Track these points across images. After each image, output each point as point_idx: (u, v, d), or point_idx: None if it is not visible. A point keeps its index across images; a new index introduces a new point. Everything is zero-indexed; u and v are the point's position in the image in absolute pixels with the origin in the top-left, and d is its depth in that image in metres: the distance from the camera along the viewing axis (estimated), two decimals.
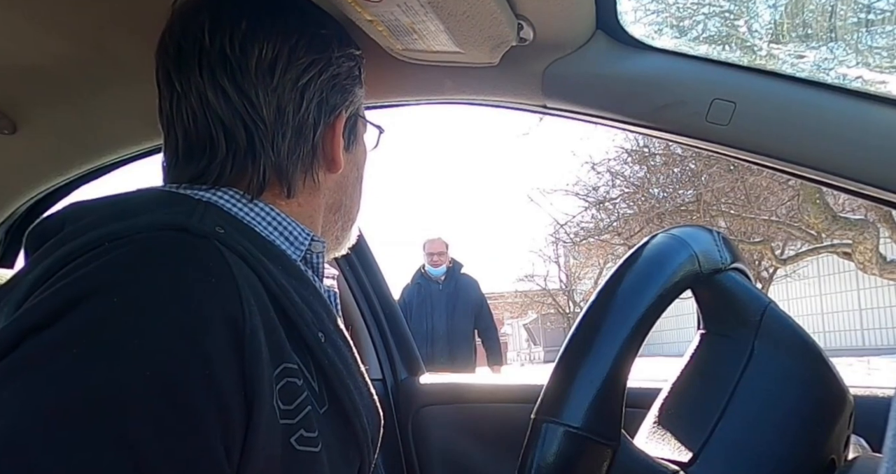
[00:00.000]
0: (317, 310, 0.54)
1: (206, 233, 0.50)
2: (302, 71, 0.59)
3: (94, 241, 0.47)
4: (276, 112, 0.58)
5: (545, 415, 0.47)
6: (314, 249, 0.61)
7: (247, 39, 0.57)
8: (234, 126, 0.57)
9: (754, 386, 0.52)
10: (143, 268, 0.45)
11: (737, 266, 0.56)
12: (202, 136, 0.57)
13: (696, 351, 0.57)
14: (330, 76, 0.61)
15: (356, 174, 0.68)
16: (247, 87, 0.57)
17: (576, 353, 0.49)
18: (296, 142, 0.59)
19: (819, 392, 0.53)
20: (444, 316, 3.98)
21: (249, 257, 0.50)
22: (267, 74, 0.57)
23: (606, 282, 0.51)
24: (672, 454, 0.51)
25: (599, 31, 0.70)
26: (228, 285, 0.46)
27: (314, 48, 0.60)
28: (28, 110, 0.92)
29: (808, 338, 0.54)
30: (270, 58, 0.57)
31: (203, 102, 0.57)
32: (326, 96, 0.61)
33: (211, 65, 0.57)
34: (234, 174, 0.58)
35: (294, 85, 0.58)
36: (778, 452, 0.50)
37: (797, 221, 7.90)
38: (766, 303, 0.54)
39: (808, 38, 1.80)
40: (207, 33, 0.57)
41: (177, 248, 0.47)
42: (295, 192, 0.60)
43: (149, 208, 0.52)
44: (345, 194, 0.67)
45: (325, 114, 0.61)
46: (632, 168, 9.54)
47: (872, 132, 0.61)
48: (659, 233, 0.54)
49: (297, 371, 0.49)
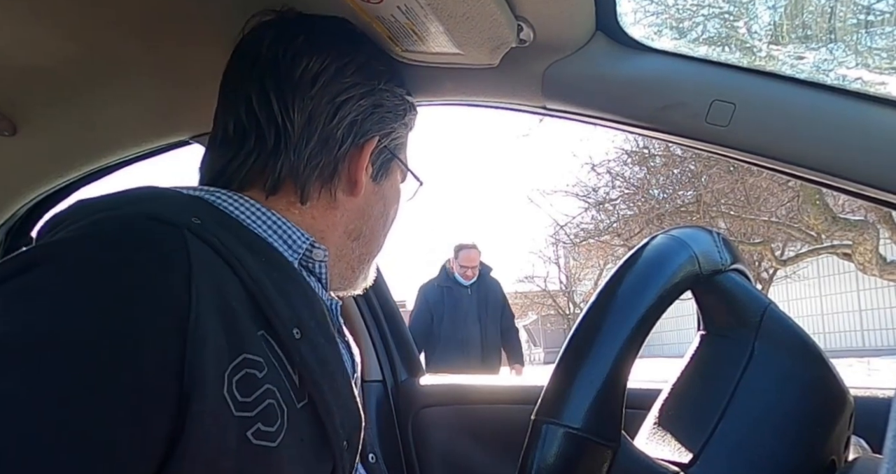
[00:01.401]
0: (296, 306, 0.54)
1: (176, 223, 0.50)
2: (343, 89, 0.63)
3: (68, 238, 0.48)
4: (306, 119, 0.61)
5: (545, 416, 0.47)
6: (315, 257, 0.61)
7: (299, 51, 0.62)
8: (267, 125, 0.61)
9: (754, 387, 0.52)
10: (92, 246, 0.46)
11: (737, 267, 0.56)
12: (238, 131, 0.62)
13: (697, 352, 0.57)
14: (371, 104, 0.65)
15: (382, 209, 0.69)
16: (286, 92, 0.61)
17: (576, 354, 0.49)
18: (319, 150, 0.62)
19: (819, 393, 0.53)
20: (477, 321, 3.91)
21: (222, 248, 0.50)
22: (308, 84, 0.61)
23: (606, 283, 0.51)
24: (672, 455, 0.51)
25: (599, 33, 0.70)
26: (178, 270, 0.46)
27: (362, 74, 0.64)
28: (28, 111, 0.92)
29: (809, 339, 0.54)
30: (316, 70, 0.62)
31: (247, 102, 0.62)
32: (362, 119, 0.64)
33: (262, 69, 0.62)
34: (255, 169, 0.61)
35: (332, 99, 0.62)
36: (778, 453, 0.50)
37: (797, 222, 7.90)
38: (766, 304, 0.54)
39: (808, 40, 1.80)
40: (267, 44, 0.63)
41: (134, 232, 0.48)
42: (308, 200, 0.62)
43: (134, 201, 0.53)
44: (366, 224, 0.67)
45: (356, 135, 0.64)
46: (632, 169, 9.55)
47: (872, 133, 0.61)
48: (659, 234, 0.54)
49: (259, 363, 0.48)
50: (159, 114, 0.94)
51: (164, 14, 0.73)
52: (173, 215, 0.50)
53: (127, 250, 0.46)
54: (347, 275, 0.69)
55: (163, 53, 0.80)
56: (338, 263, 0.66)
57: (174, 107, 0.92)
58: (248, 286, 0.50)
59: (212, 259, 0.49)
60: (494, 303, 3.97)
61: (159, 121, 0.96)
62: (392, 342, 1.35)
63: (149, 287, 0.45)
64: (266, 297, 0.51)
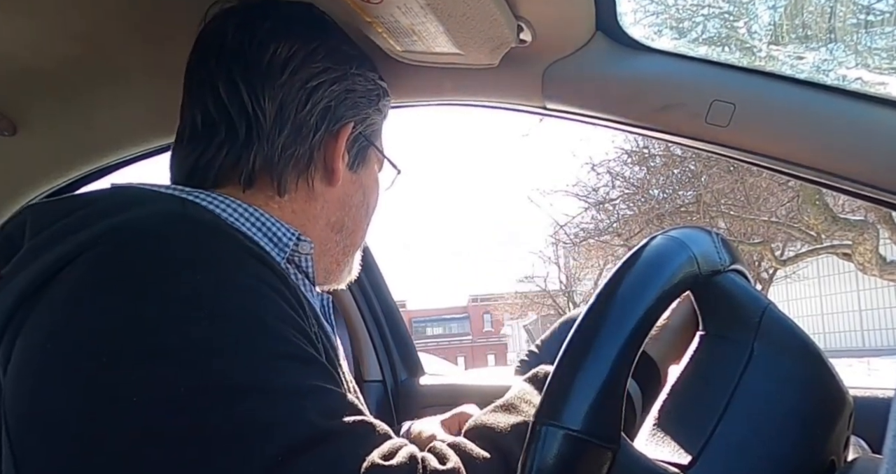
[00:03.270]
0: (295, 310, 0.54)
1: (203, 219, 0.51)
2: (314, 74, 0.60)
3: (84, 243, 0.47)
4: (278, 107, 0.59)
5: (545, 418, 0.47)
6: (301, 250, 0.61)
7: (266, 38, 0.60)
8: (238, 115, 0.59)
9: (754, 388, 0.52)
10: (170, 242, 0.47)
11: (736, 267, 0.56)
12: (207, 123, 0.60)
13: (696, 352, 0.57)
14: (343, 89, 0.62)
15: (362, 198, 0.68)
16: (255, 81, 0.59)
17: (575, 356, 0.49)
18: (293, 139, 0.60)
19: (819, 393, 0.53)
20: None
21: (249, 242, 0.52)
22: (277, 71, 0.59)
23: (606, 283, 0.51)
24: (672, 456, 0.51)
25: (599, 33, 0.70)
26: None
27: (332, 58, 0.62)
28: (28, 112, 0.92)
29: (808, 339, 0.54)
30: (285, 56, 0.59)
31: (214, 92, 0.59)
32: (335, 106, 0.62)
33: (227, 59, 0.59)
34: (228, 162, 0.59)
35: (302, 85, 0.60)
36: (778, 453, 0.50)
37: (797, 222, 7.90)
38: (765, 305, 0.54)
39: (808, 40, 1.80)
40: (231, 32, 0.60)
41: (181, 232, 0.49)
42: (286, 191, 0.60)
43: (132, 204, 0.52)
44: (347, 215, 0.66)
45: (330, 121, 0.62)
46: (631, 169, 9.54)
47: (872, 133, 0.61)
48: (658, 235, 0.54)
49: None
50: (159, 114, 0.94)
51: (163, 15, 0.73)
52: (195, 213, 0.52)
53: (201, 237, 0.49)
54: (333, 269, 0.68)
55: (162, 54, 0.80)
56: (323, 258, 0.65)
57: (174, 107, 0.92)
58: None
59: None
60: None
61: (159, 121, 0.96)
62: (392, 342, 1.35)
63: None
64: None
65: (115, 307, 0.43)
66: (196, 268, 0.45)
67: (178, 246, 0.47)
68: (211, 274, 0.45)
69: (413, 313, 25.76)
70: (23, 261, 0.48)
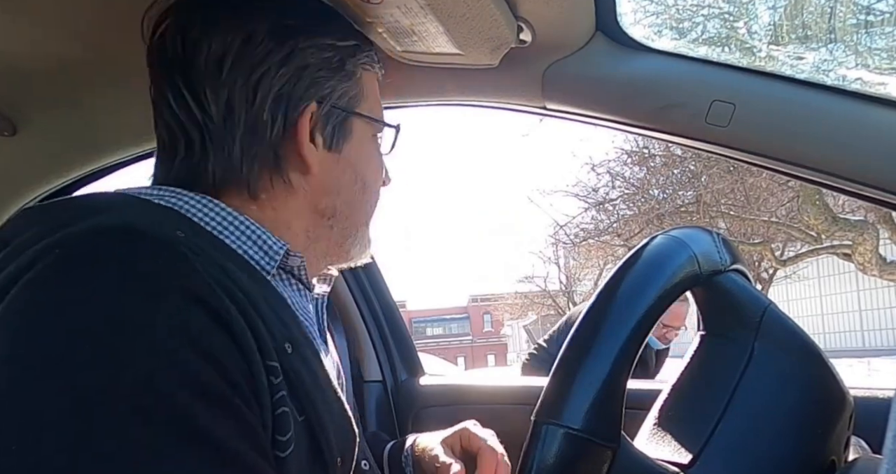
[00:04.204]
0: (284, 320, 0.52)
1: (160, 236, 0.47)
2: (256, 64, 0.56)
3: (36, 256, 0.44)
4: (225, 109, 0.55)
5: (545, 417, 0.47)
6: (291, 263, 0.58)
7: (199, 37, 0.56)
8: (191, 127, 0.56)
9: (754, 388, 0.52)
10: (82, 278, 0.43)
11: (736, 267, 0.56)
12: (169, 138, 0.57)
13: (696, 352, 0.57)
14: (295, 68, 0.57)
15: (353, 176, 0.62)
16: (196, 86, 0.55)
17: (576, 355, 0.49)
18: (250, 141, 0.56)
19: (819, 393, 0.53)
20: None
21: (211, 261, 0.48)
22: (215, 70, 0.55)
23: (606, 283, 0.51)
24: (672, 455, 0.51)
25: (599, 33, 0.70)
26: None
27: (274, 39, 0.56)
28: (28, 112, 0.92)
29: (808, 340, 0.54)
30: (219, 53, 0.55)
31: (166, 104, 0.57)
32: (288, 91, 0.57)
33: (170, 68, 0.56)
34: (192, 176, 0.56)
35: (246, 79, 0.55)
36: (778, 453, 0.50)
37: (797, 222, 7.90)
38: (765, 305, 0.54)
39: (808, 40, 1.80)
40: (168, 38, 0.57)
41: (129, 252, 0.45)
42: (259, 193, 0.57)
43: (95, 211, 0.49)
44: (338, 198, 0.61)
45: (286, 109, 0.57)
46: (632, 169, 9.54)
47: (872, 133, 0.61)
48: (658, 235, 0.54)
49: (276, 369, 0.48)
50: None
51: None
52: (158, 228, 0.48)
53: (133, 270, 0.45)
54: (334, 251, 0.64)
55: None
56: (316, 245, 0.62)
57: None
58: (239, 300, 0.48)
59: (211, 270, 0.48)
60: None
61: None
62: (392, 342, 1.35)
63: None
64: (256, 310, 0.49)
65: (17, 337, 0.41)
66: (105, 307, 0.42)
67: (109, 277, 0.43)
68: (136, 322, 0.42)
69: (413, 313, 25.76)
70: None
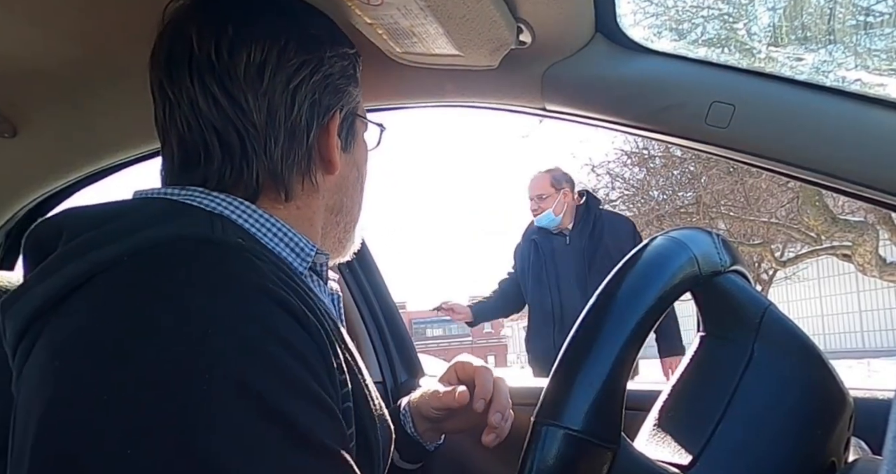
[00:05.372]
0: (330, 317, 0.54)
1: (231, 244, 0.49)
2: (292, 73, 0.58)
3: (107, 261, 0.46)
4: (267, 116, 0.57)
5: (545, 418, 0.47)
6: (318, 260, 0.61)
7: (234, 44, 0.57)
8: (227, 132, 0.57)
9: (754, 389, 0.52)
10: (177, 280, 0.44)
11: (736, 268, 0.56)
12: (197, 144, 0.57)
13: (696, 353, 0.57)
14: (322, 77, 0.60)
15: (356, 174, 0.67)
16: (236, 93, 0.56)
17: (576, 356, 0.49)
18: (290, 145, 0.59)
19: (819, 394, 0.53)
20: (575, 285, 2.56)
21: (273, 266, 0.50)
22: (256, 78, 0.57)
23: (606, 283, 0.51)
24: (672, 456, 0.51)
25: (599, 34, 0.70)
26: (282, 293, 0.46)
27: (304, 49, 0.59)
28: (29, 114, 0.92)
29: (808, 340, 0.54)
30: (259, 61, 0.57)
31: (195, 110, 0.57)
32: (319, 97, 0.60)
33: (200, 72, 0.56)
34: (232, 180, 0.57)
35: (285, 87, 0.58)
36: (778, 454, 0.50)
37: (797, 223, 7.91)
38: (765, 305, 0.54)
39: (807, 41, 1.80)
40: (196, 40, 0.57)
41: (209, 259, 0.47)
42: (293, 196, 0.60)
43: (158, 220, 0.50)
44: (345, 195, 0.66)
45: (319, 115, 0.60)
46: (631, 170, 9.55)
47: (871, 134, 0.61)
48: (658, 236, 0.54)
49: (341, 365, 0.50)
50: None
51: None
52: (223, 236, 0.50)
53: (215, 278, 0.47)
54: (336, 247, 0.68)
55: None
56: (325, 241, 0.65)
57: None
58: (305, 301, 0.50)
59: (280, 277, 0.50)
60: (608, 254, 2.53)
61: None
62: (392, 343, 1.35)
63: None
64: (318, 309, 0.51)
65: (120, 339, 0.41)
66: (208, 317, 0.42)
67: (196, 278, 0.44)
68: (222, 322, 0.42)
69: (413, 314, 25.74)
70: (46, 272, 0.47)
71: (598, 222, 2.65)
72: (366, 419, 0.53)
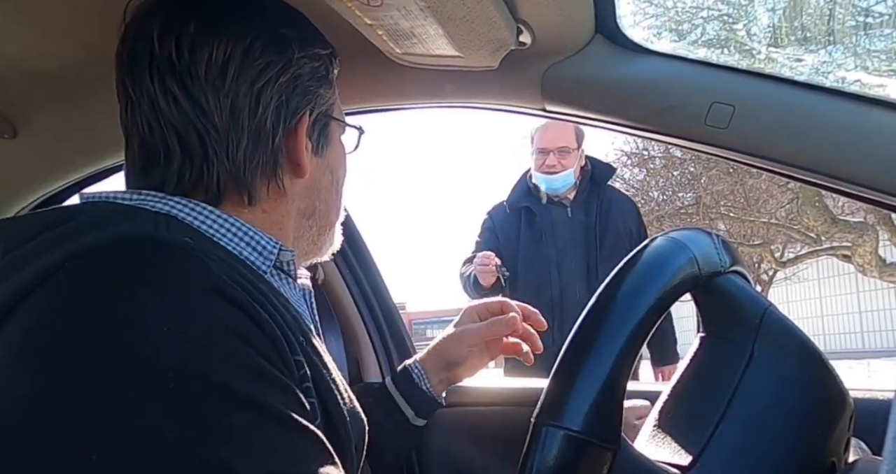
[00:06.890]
0: (292, 314, 0.53)
1: (175, 242, 0.48)
2: (257, 73, 0.56)
3: (50, 267, 0.45)
4: (229, 117, 0.55)
5: (545, 419, 0.47)
6: (283, 258, 0.59)
7: (196, 43, 0.55)
8: (188, 133, 0.55)
9: (754, 389, 0.52)
10: (121, 283, 0.44)
11: (736, 269, 0.56)
12: (157, 145, 0.56)
13: (696, 354, 0.57)
14: (290, 78, 0.58)
15: (329, 178, 0.65)
16: (197, 93, 0.55)
17: (576, 357, 0.49)
18: (253, 148, 0.57)
19: (819, 394, 0.53)
20: (581, 266, 2.11)
21: (223, 264, 0.49)
22: (218, 78, 0.55)
23: (606, 284, 0.51)
24: (672, 457, 0.52)
25: (598, 35, 0.70)
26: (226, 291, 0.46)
27: (271, 49, 0.57)
28: (29, 114, 0.92)
29: (808, 341, 0.54)
30: (222, 61, 0.55)
31: (156, 110, 0.55)
32: (286, 99, 0.58)
33: (161, 71, 0.55)
34: (191, 183, 0.56)
35: (249, 88, 0.56)
36: (778, 455, 0.50)
37: (796, 224, 7.91)
38: (765, 306, 0.54)
39: (807, 42, 1.80)
40: (157, 38, 0.55)
41: (152, 257, 0.46)
42: (257, 200, 0.58)
43: (103, 223, 0.48)
44: (318, 199, 0.64)
45: (286, 118, 0.58)
46: (631, 171, 9.56)
47: (871, 135, 0.61)
48: (658, 237, 0.54)
49: (301, 362, 0.49)
50: None
51: None
52: (167, 235, 0.49)
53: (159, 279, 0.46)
54: (310, 249, 0.66)
55: None
56: (297, 244, 0.64)
57: None
58: (258, 300, 0.49)
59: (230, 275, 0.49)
60: (618, 234, 2.13)
61: None
62: (391, 344, 1.35)
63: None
64: (274, 308, 0.50)
65: (70, 344, 0.41)
66: (157, 312, 0.42)
67: (141, 277, 0.44)
68: (173, 319, 0.42)
69: (413, 315, 25.73)
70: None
71: (604, 195, 2.19)
72: (333, 414, 0.51)
